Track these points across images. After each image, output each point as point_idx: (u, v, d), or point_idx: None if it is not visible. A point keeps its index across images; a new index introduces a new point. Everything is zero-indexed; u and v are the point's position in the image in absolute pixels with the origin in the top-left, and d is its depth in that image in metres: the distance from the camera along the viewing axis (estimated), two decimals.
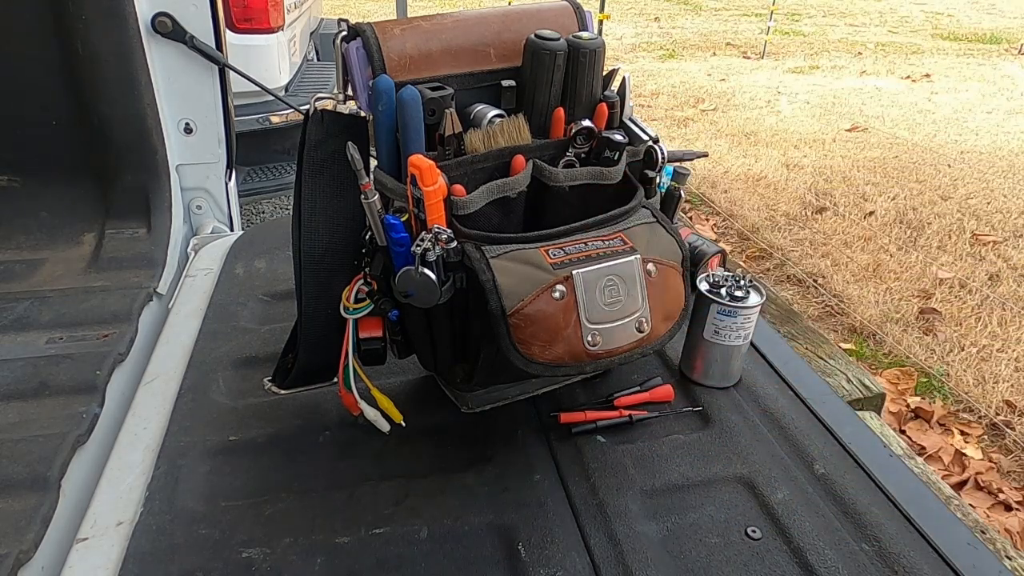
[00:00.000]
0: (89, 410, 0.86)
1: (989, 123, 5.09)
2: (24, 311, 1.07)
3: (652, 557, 0.67)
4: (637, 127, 0.76)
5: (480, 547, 0.68)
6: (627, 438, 0.81)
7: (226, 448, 0.79)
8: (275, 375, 0.84)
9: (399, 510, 0.72)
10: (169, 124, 1.36)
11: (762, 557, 0.67)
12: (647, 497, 0.74)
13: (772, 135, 4.71)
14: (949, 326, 2.59)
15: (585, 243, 0.68)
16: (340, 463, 0.78)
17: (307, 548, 0.68)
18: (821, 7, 10.35)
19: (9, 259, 1.22)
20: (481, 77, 0.72)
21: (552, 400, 0.86)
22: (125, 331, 1.03)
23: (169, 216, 1.33)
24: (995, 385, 2.29)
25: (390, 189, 0.68)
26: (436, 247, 0.64)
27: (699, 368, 0.90)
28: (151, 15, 1.28)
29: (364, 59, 0.67)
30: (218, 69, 1.37)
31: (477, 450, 0.80)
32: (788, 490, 0.74)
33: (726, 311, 0.85)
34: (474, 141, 0.68)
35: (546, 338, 0.65)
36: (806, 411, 0.87)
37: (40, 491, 0.74)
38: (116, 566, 0.66)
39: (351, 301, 0.73)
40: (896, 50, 7.60)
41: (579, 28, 0.75)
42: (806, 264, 3.05)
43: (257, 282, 1.13)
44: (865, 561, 0.67)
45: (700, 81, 6.14)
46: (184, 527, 0.69)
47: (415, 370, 0.90)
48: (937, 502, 0.75)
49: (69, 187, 1.32)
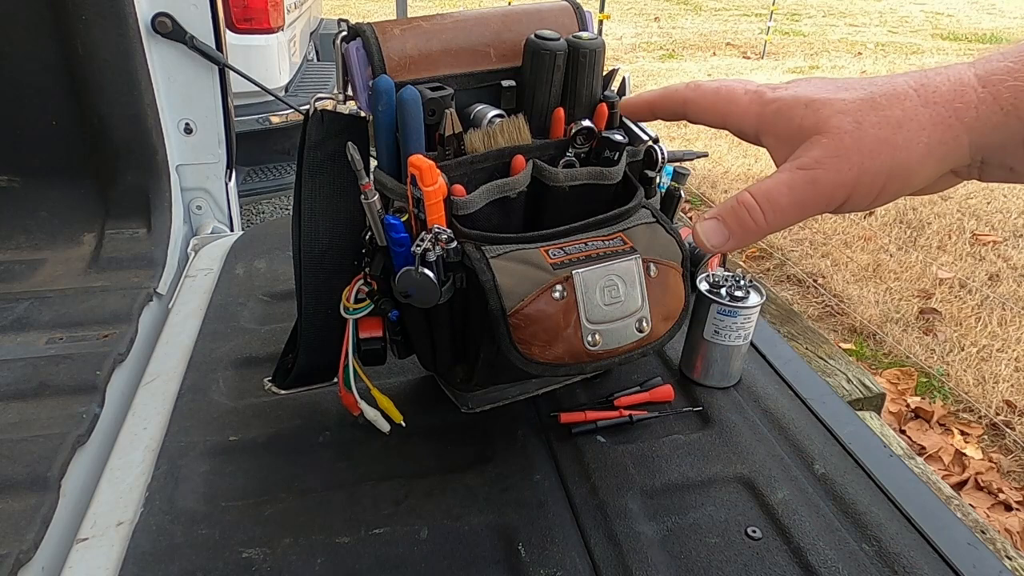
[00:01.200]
0: (89, 410, 0.86)
1: None
2: (24, 311, 1.07)
3: (652, 557, 0.67)
4: (637, 127, 0.76)
5: (480, 547, 0.68)
6: (627, 438, 0.81)
7: (226, 448, 0.79)
8: (275, 375, 0.84)
9: (399, 510, 0.72)
10: (169, 124, 1.36)
11: (762, 557, 0.67)
12: (647, 497, 0.74)
13: None
14: (949, 326, 2.59)
15: (585, 243, 0.68)
16: (340, 463, 0.78)
17: (307, 548, 0.68)
18: (821, 7, 10.36)
19: (9, 259, 1.22)
20: (481, 77, 0.72)
21: (552, 400, 0.87)
22: (125, 331, 1.03)
23: (169, 216, 1.33)
24: (995, 385, 2.29)
25: (390, 189, 0.68)
26: (436, 247, 0.64)
27: (699, 368, 0.90)
28: (151, 15, 1.28)
29: (364, 59, 0.67)
30: (218, 69, 1.37)
31: (477, 450, 0.80)
32: (788, 490, 0.74)
33: (726, 311, 0.85)
34: (474, 141, 0.68)
35: (546, 338, 0.65)
36: (806, 411, 0.87)
37: (40, 491, 0.74)
38: (116, 566, 0.66)
39: (351, 301, 0.73)
40: (896, 50, 7.60)
41: (579, 28, 0.75)
42: (806, 264, 3.05)
43: (257, 282, 1.13)
44: (865, 561, 0.67)
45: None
46: (184, 527, 0.69)
47: (415, 370, 0.90)
48: (937, 502, 0.75)
49: (69, 187, 1.32)
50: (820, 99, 0.41)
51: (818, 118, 0.41)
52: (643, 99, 0.53)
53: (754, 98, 0.44)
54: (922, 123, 0.39)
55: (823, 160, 0.40)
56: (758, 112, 0.44)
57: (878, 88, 0.40)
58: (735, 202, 0.43)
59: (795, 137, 0.42)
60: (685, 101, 0.48)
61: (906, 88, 0.40)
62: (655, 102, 0.52)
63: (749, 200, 0.42)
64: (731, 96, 0.46)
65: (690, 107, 0.48)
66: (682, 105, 0.49)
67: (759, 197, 0.42)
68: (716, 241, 0.43)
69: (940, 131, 0.39)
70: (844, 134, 0.40)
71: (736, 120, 0.45)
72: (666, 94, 0.51)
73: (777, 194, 0.41)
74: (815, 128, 0.41)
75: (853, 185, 0.40)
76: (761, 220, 0.42)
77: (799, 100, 0.42)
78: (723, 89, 0.46)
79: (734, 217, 0.43)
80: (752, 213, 0.42)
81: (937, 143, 0.39)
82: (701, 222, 0.44)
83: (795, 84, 0.44)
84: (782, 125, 0.43)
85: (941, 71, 0.40)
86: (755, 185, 0.42)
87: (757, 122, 0.44)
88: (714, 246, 0.44)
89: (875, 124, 0.39)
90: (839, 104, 0.40)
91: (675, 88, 0.49)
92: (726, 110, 0.46)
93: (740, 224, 0.42)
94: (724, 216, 0.43)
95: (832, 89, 0.42)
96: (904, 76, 0.41)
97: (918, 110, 0.39)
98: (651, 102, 0.52)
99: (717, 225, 0.43)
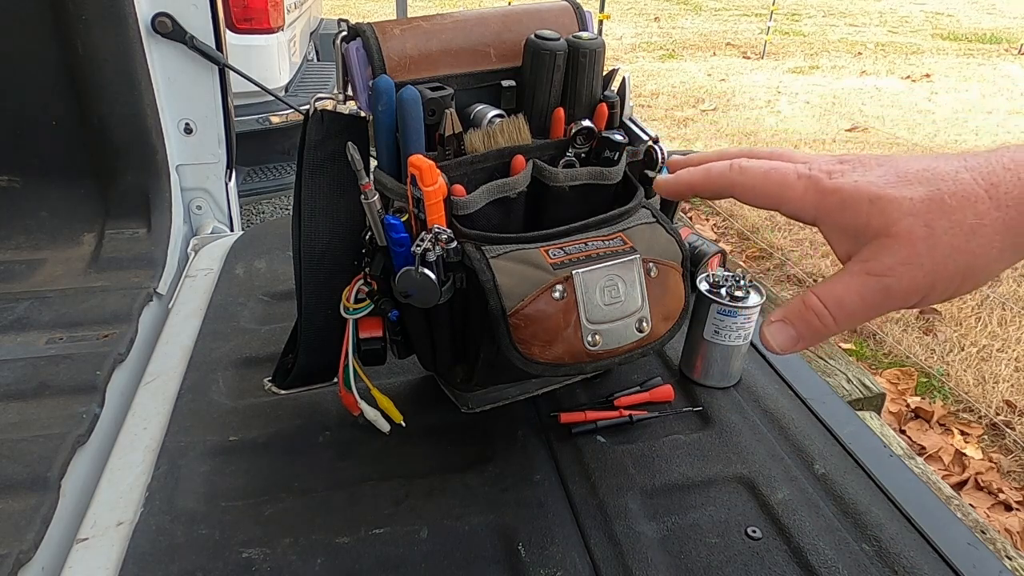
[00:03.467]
0: (89, 410, 0.86)
1: (989, 123, 5.09)
2: (24, 311, 1.07)
3: (652, 557, 0.67)
4: (637, 127, 0.76)
5: (480, 547, 0.68)
6: (627, 438, 0.81)
7: (226, 448, 0.79)
8: (275, 375, 0.84)
9: (399, 510, 0.72)
10: (169, 124, 1.36)
11: (762, 557, 0.67)
12: (647, 497, 0.74)
13: (772, 135, 4.71)
14: (949, 326, 2.59)
15: (585, 243, 0.68)
16: (340, 463, 0.78)
17: (307, 548, 0.68)
18: (821, 7, 10.36)
19: (9, 259, 1.22)
20: (481, 77, 0.72)
21: (552, 400, 0.87)
22: (125, 331, 1.03)
23: (169, 216, 1.33)
24: (995, 385, 2.29)
25: (390, 189, 0.68)
26: (436, 247, 0.64)
27: (699, 368, 0.90)
28: (151, 15, 1.28)
29: (364, 59, 0.67)
30: (218, 69, 1.37)
31: (477, 450, 0.80)
32: (788, 490, 0.74)
33: (726, 311, 0.85)
34: (474, 141, 0.68)
35: (546, 338, 0.65)
36: (806, 411, 0.87)
37: (40, 491, 0.74)
38: (116, 566, 0.66)
39: (351, 301, 0.73)
40: (896, 50, 7.60)
41: (579, 28, 0.75)
42: (806, 264, 3.05)
43: (257, 282, 1.13)
44: (865, 561, 0.67)
45: (700, 81, 6.14)
46: (184, 527, 0.69)
47: (415, 370, 0.90)
48: (937, 502, 0.75)
49: (69, 187, 1.32)
50: (886, 197, 0.40)
51: (886, 219, 0.40)
52: (683, 181, 0.50)
53: (809, 184, 0.43)
54: (996, 228, 0.38)
55: (895, 268, 0.39)
56: (816, 201, 0.43)
57: (945, 185, 0.39)
58: (802, 306, 0.42)
59: (860, 234, 0.41)
60: (732, 185, 0.47)
61: (975, 188, 0.39)
62: (697, 184, 0.49)
63: (818, 305, 0.42)
64: (783, 181, 0.44)
65: (738, 190, 0.47)
66: (728, 188, 0.47)
67: (828, 302, 0.41)
68: (785, 344, 0.43)
69: (1013, 235, 0.38)
70: (916, 240, 0.39)
71: (791, 206, 0.44)
72: (710, 177, 0.48)
73: (847, 300, 0.41)
74: (883, 229, 0.40)
75: (926, 291, 0.40)
76: (831, 324, 0.42)
77: (862, 194, 0.41)
78: (773, 173, 0.45)
79: (802, 321, 0.42)
80: (822, 319, 0.42)
81: (1010, 246, 0.39)
82: (768, 325, 0.44)
83: (851, 167, 0.43)
84: (846, 219, 0.42)
85: (1009, 166, 0.39)
86: (823, 287, 0.42)
87: (815, 211, 0.43)
88: (783, 349, 0.43)
89: (947, 230, 0.38)
90: (907, 205, 0.39)
91: (719, 171, 0.48)
92: (779, 195, 0.44)
93: (809, 328, 0.42)
94: (792, 320, 0.43)
95: (895, 182, 0.40)
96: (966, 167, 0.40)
97: (990, 214, 0.38)
98: (692, 184, 0.50)
99: (784, 328, 0.43)
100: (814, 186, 0.43)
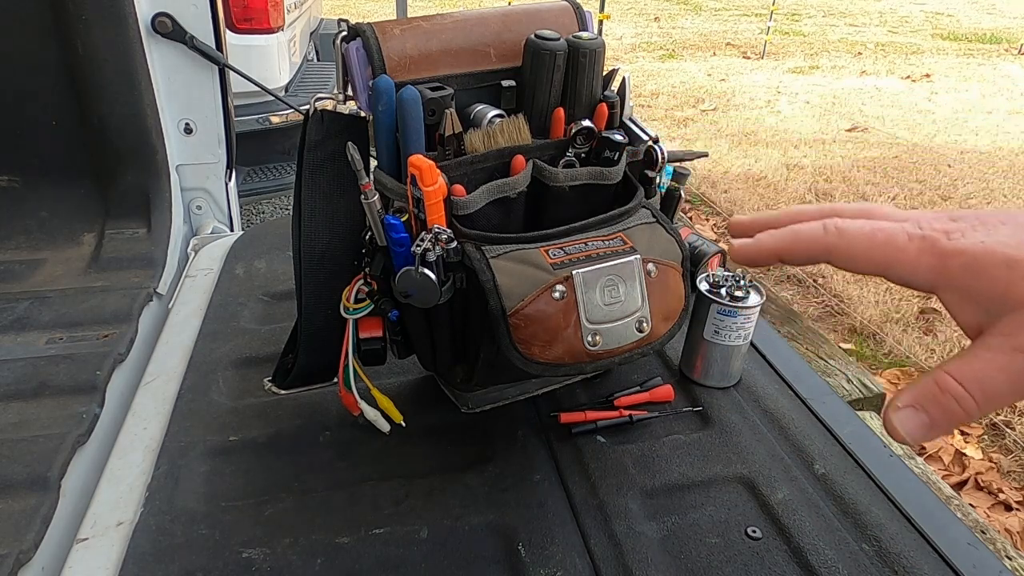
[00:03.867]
0: (89, 410, 0.86)
1: (989, 123, 5.09)
2: (24, 311, 1.07)
3: (652, 557, 0.67)
4: (637, 127, 0.76)
5: (480, 547, 0.68)
6: (627, 438, 0.81)
7: (226, 448, 0.79)
8: (275, 375, 0.84)
9: (399, 510, 0.72)
10: (169, 124, 1.36)
11: (762, 557, 0.67)
12: (647, 497, 0.74)
13: (772, 135, 4.71)
14: (949, 326, 2.59)
15: (585, 243, 0.68)
16: (340, 463, 0.78)
17: (307, 548, 0.68)
18: (821, 7, 10.36)
19: (9, 259, 1.22)
20: (481, 77, 0.72)
21: (552, 400, 0.87)
22: (125, 331, 1.03)
23: (169, 216, 1.33)
24: None
25: (390, 189, 0.68)
26: (436, 247, 0.64)
27: (699, 368, 0.90)
28: (151, 15, 1.28)
29: (364, 59, 0.67)
30: (218, 69, 1.37)
31: (477, 450, 0.80)
32: (788, 490, 0.74)
33: (726, 311, 0.85)
34: (474, 141, 0.68)
35: (546, 338, 0.65)
36: (806, 411, 0.87)
37: (40, 491, 0.74)
38: (116, 566, 0.66)
39: (351, 301, 0.73)
40: (896, 50, 7.60)
41: (579, 28, 0.75)
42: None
43: (257, 282, 1.13)
44: (865, 561, 0.67)
45: (700, 81, 6.14)
46: (184, 527, 0.69)
47: (415, 370, 0.90)
48: (937, 502, 0.75)
49: (69, 187, 1.32)
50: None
51: None
52: (766, 247, 0.42)
53: (924, 246, 0.38)
54: None
55: None
56: (934, 265, 0.37)
57: None
58: (936, 388, 0.36)
59: (995, 303, 0.36)
60: (829, 249, 0.40)
61: None
62: (783, 251, 0.42)
63: (955, 387, 0.36)
64: (892, 243, 0.38)
65: (836, 256, 0.40)
66: (824, 254, 0.40)
67: (968, 383, 0.36)
68: (916, 433, 0.37)
69: None
70: None
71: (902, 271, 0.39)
72: (799, 241, 0.41)
73: (991, 381, 0.35)
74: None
75: None
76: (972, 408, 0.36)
77: (995, 258, 0.36)
78: (880, 235, 0.39)
79: (937, 407, 0.36)
80: (962, 403, 0.36)
81: None
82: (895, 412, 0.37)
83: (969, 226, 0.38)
84: (977, 286, 0.37)
85: None
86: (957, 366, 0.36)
87: (934, 276, 0.38)
88: (914, 439, 0.37)
89: None
90: None
91: (811, 235, 0.40)
92: (887, 259, 0.39)
93: (945, 414, 0.36)
94: (924, 405, 0.36)
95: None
96: None
97: None
98: (777, 251, 0.42)
99: (916, 415, 0.36)
100: (930, 248, 0.37)
